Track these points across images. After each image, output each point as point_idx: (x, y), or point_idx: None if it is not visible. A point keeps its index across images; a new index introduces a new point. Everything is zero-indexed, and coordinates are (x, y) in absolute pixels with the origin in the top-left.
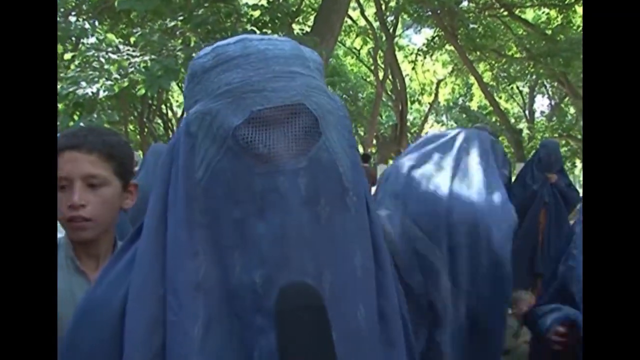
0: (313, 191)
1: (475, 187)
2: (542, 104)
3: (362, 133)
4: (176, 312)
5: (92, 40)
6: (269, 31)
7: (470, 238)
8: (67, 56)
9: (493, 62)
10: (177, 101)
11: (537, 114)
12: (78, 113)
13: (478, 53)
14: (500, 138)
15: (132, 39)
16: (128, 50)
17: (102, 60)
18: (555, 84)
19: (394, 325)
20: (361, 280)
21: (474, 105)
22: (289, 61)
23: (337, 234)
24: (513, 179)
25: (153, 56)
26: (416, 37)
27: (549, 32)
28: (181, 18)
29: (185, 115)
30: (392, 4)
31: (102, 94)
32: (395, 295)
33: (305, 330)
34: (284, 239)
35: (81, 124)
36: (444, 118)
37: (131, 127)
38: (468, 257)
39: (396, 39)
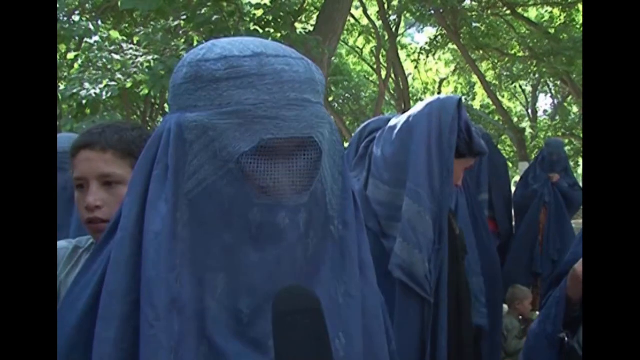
0: (308, 226)
1: None
2: (545, 102)
3: None
4: (152, 325)
5: (96, 39)
6: (272, 30)
7: None
8: (71, 55)
9: (496, 61)
10: None
11: (540, 113)
12: (81, 114)
13: (481, 52)
14: (503, 137)
15: (135, 39)
16: (131, 49)
17: (105, 60)
18: (558, 82)
19: (379, 342)
20: (343, 307)
21: (476, 104)
22: (302, 87)
23: (320, 264)
24: (517, 177)
25: (156, 56)
26: (419, 36)
27: (552, 31)
28: (184, 17)
29: (176, 114)
30: (395, 3)
31: (105, 95)
32: (380, 313)
33: (302, 333)
34: (278, 273)
35: (84, 125)
36: None
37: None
38: None
39: (399, 38)
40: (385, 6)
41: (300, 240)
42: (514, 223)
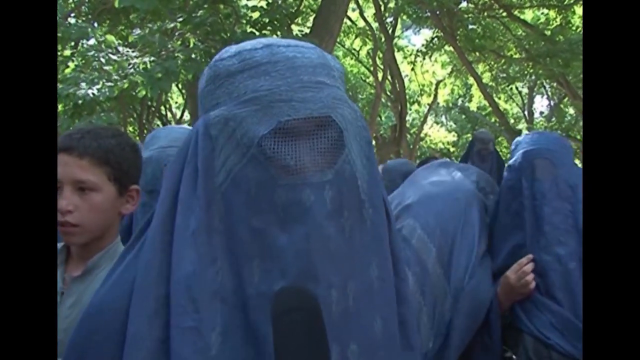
0: (337, 204)
1: None
2: (541, 104)
3: None
4: (192, 317)
5: (92, 42)
6: (268, 33)
7: None
8: (67, 53)
9: (492, 62)
10: (176, 102)
11: (536, 115)
12: (77, 114)
13: (477, 54)
14: (499, 139)
15: (130, 39)
16: (127, 51)
17: (102, 60)
18: (555, 84)
19: (412, 330)
20: (378, 291)
21: (473, 106)
22: (316, 70)
23: (356, 246)
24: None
25: (152, 57)
26: (415, 38)
27: (548, 32)
28: (180, 19)
29: (202, 116)
30: (391, 5)
31: (101, 96)
32: (413, 302)
33: (299, 331)
34: (309, 252)
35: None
36: (443, 119)
37: (130, 128)
38: None
39: (395, 40)
40: (382, 8)
41: (332, 219)
42: None
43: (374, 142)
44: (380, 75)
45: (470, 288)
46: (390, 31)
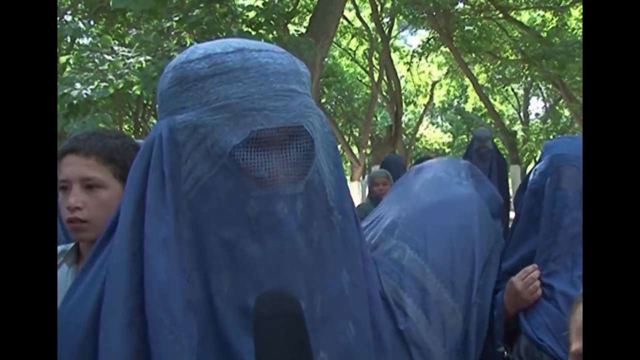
0: (308, 215)
1: None
2: (537, 106)
3: (356, 134)
4: (171, 330)
5: (87, 41)
6: (264, 32)
7: None
8: (62, 59)
9: (488, 64)
10: None
11: (532, 116)
12: (72, 114)
13: (473, 55)
14: (494, 140)
15: (126, 39)
16: (123, 51)
17: (97, 61)
18: (550, 86)
19: (385, 332)
20: (350, 297)
21: (468, 107)
22: (288, 78)
23: (325, 254)
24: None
25: (148, 57)
26: (412, 39)
27: (544, 34)
28: (176, 18)
29: (165, 119)
30: (388, 5)
31: (97, 96)
32: (381, 304)
33: (282, 337)
34: (280, 264)
35: (74, 126)
36: (438, 119)
37: (126, 127)
38: None
39: (392, 41)
40: (378, 8)
41: (302, 230)
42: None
43: (369, 143)
44: (376, 75)
45: (481, 299)
46: (386, 31)
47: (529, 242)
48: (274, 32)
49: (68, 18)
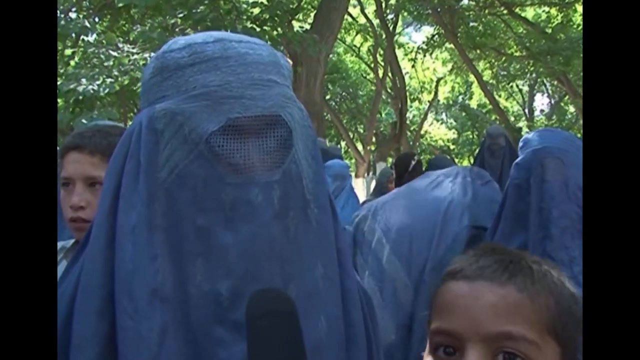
0: (284, 204)
1: None
2: (541, 102)
3: (361, 130)
4: (132, 317)
5: (92, 38)
6: (269, 28)
7: None
8: (68, 52)
9: (493, 60)
10: None
11: (536, 113)
12: (78, 110)
13: (478, 51)
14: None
15: (131, 36)
16: (128, 47)
17: (103, 57)
18: (555, 82)
19: (358, 328)
20: (323, 291)
21: (473, 104)
22: (267, 68)
23: (301, 246)
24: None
25: (153, 53)
26: (416, 35)
27: (549, 30)
28: (181, 15)
29: (147, 108)
30: (392, 1)
31: (102, 92)
32: (357, 297)
33: (275, 336)
34: (254, 252)
35: (83, 120)
36: (443, 116)
37: (130, 123)
38: None
39: (396, 37)
40: (383, 5)
41: (278, 219)
42: None
43: (374, 139)
44: (380, 72)
45: (430, 279)
46: (391, 28)
47: (517, 237)
48: (279, 29)
49: (73, 15)
